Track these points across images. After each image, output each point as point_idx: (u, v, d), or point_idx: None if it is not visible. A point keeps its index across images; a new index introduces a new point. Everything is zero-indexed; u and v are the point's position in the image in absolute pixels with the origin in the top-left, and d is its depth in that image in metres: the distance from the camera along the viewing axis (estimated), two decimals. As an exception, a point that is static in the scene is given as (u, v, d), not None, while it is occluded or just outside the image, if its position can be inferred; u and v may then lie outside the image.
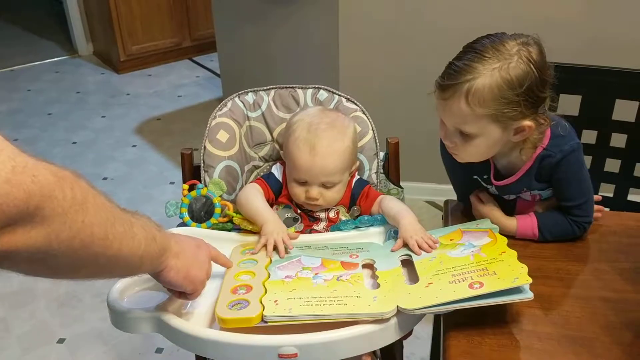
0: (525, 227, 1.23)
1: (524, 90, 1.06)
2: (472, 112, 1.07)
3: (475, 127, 1.10)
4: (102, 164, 3.23)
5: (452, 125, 1.13)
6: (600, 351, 0.95)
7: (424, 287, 1.01)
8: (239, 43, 3.16)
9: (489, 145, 1.14)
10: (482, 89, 1.05)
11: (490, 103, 1.06)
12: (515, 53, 1.07)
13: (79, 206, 0.68)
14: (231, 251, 1.17)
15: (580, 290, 1.09)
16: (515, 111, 1.08)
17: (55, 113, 3.82)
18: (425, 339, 1.61)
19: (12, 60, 4.62)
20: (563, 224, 1.22)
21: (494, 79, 1.05)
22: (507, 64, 1.06)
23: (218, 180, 1.33)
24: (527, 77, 1.06)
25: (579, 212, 1.21)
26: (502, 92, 1.06)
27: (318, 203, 1.28)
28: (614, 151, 1.61)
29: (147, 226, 0.85)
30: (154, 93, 4.10)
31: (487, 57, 1.07)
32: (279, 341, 0.93)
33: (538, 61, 1.08)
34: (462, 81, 1.06)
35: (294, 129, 1.29)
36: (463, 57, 1.09)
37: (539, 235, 1.22)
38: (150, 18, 4.28)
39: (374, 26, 2.43)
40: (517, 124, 1.10)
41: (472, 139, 1.12)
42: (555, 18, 2.25)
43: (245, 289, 1.04)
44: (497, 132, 1.11)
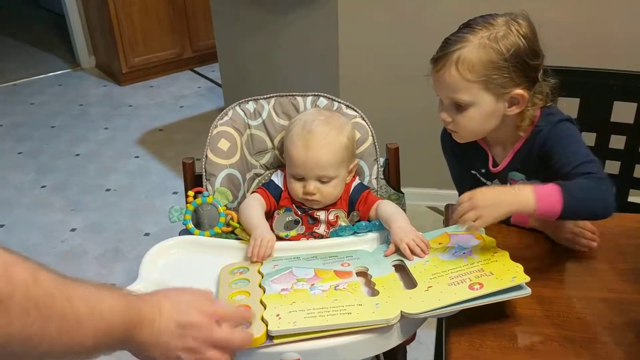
0: (543, 193, 1.03)
1: (511, 55, 1.10)
2: (463, 78, 1.12)
3: (467, 94, 1.13)
4: (104, 176, 3.24)
5: (446, 97, 1.17)
6: (601, 352, 0.96)
7: (424, 291, 1.02)
8: (240, 53, 3.18)
9: (483, 115, 1.16)
10: (470, 55, 1.11)
11: (479, 68, 1.11)
12: (504, 24, 1.13)
13: None
14: (219, 272, 1.16)
15: (580, 291, 1.10)
16: (504, 78, 1.11)
17: (58, 126, 3.84)
18: (428, 344, 1.61)
19: (15, 74, 4.64)
20: (586, 184, 1.07)
21: (482, 45, 1.11)
22: (495, 33, 1.11)
23: (224, 189, 1.34)
24: (515, 44, 1.11)
25: (591, 167, 1.09)
26: (490, 57, 1.10)
27: (316, 198, 1.30)
28: (614, 153, 1.61)
29: (107, 318, 0.75)
30: (156, 104, 4.12)
31: (478, 29, 1.13)
32: (282, 347, 0.94)
33: (526, 32, 1.13)
34: (452, 50, 1.12)
35: (291, 128, 1.34)
36: (456, 32, 1.16)
37: (563, 203, 1.02)
38: (151, 30, 4.31)
39: (374, 34, 2.45)
40: (510, 93, 1.13)
41: (465, 109, 1.15)
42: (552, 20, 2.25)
43: (243, 309, 1.02)
44: (490, 100, 1.14)
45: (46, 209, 2.96)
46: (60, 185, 3.17)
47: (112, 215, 2.89)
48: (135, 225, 2.80)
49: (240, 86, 3.33)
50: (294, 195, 1.33)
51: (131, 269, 2.47)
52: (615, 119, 1.58)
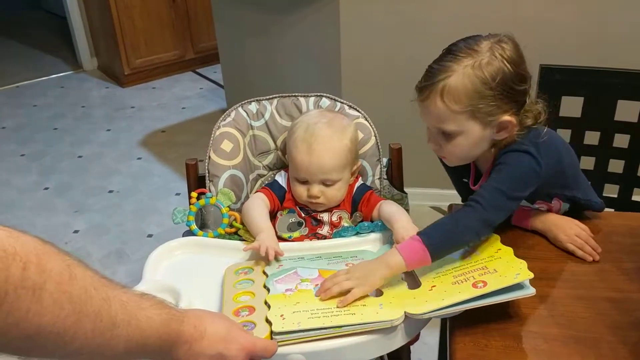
0: (406, 248, 1.06)
1: (497, 83, 1.08)
2: (448, 109, 1.10)
3: (454, 124, 1.12)
4: (107, 177, 3.24)
5: (433, 126, 1.16)
6: (606, 351, 0.96)
7: (428, 291, 1.02)
8: (242, 54, 3.18)
9: (471, 143, 1.14)
10: (455, 85, 1.08)
11: (465, 99, 1.08)
12: (488, 50, 1.09)
13: (29, 291, 0.59)
14: (224, 272, 1.16)
15: (585, 290, 1.09)
16: (490, 106, 1.09)
17: (61, 128, 3.84)
18: (432, 345, 1.60)
19: (18, 76, 4.65)
20: (447, 220, 1.10)
21: (467, 75, 1.08)
22: (479, 60, 1.08)
23: (227, 190, 1.34)
24: (500, 71, 1.08)
25: (482, 196, 1.09)
26: (475, 87, 1.08)
27: (320, 201, 1.30)
28: (617, 152, 1.61)
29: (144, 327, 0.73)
30: (158, 105, 4.12)
31: (461, 56, 1.10)
32: (287, 349, 0.94)
33: (511, 56, 1.10)
34: (437, 80, 1.10)
35: (293, 130, 1.33)
36: (439, 59, 1.13)
37: (428, 249, 1.04)
38: (153, 32, 4.31)
39: (375, 34, 2.45)
40: (497, 120, 1.11)
41: (453, 137, 1.13)
42: (556, 19, 2.25)
43: (248, 310, 1.03)
44: (477, 128, 1.12)
45: (49, 211, 2.96)
46: (63, 187, 3.18)
47: (115, 217, 2.89)
48: (138, 226, 2.80)
49: (242, 87, 3.33)
50: (297, 198, 1.33)
51: (134, 271, 2.47)
52: (619, 117, 1.58)
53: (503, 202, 1.09)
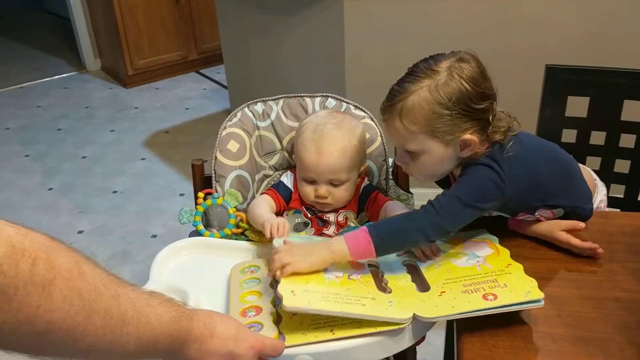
0: (353, 235, 1.07)
1: (453, 103, 1.07)
2: (407, 129, 1.10)
3: (415, 144, 1.12)
4: (111, 178, 3.25)
5: (397, 145, 1.17)
6: (614, 352, 0.95)
7: (437, 296, 1.02)
8: (245, 55, 3.18)
9: (435, 162, 1.14)
10: (411, 106, 1.09)
11: (421, 119, 1.09)
12: (445, 70, 1.09)
13: (38, 287, 0.58)
14: (230, 271, 1.16)
15: (592, 291, 1.09)
16: (448, 125, 1.09)
17: (64, 128, 3.85)
18: (438, 345, 1.60)
19: (21, 77, 4.66)
20: (402, 216, 1.13)
21: (422, 96, 1.08)
22: (437, 81, 1.08)
23: (234, 191, 1.34)
24: (456, 91, 1.07)
25: (441, 200, 1.10)
26: (431, 107, 1.08)
27: (327, 202, 1.30)
28: (623, 152, 1.61)
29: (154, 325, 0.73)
30: (162, 106, 4.12)
31: (420, 77, 1.10)
32: (295, 350, 0.94)
33: (470, 75, 1.09)
34: (396, 102, 1.11)
35: (302, 131, 1.33)
36: (400, 81, 1.14)
37: (372, 240, 1.05)
38: (156, 32, 4.31)
39: (380, 34, 2.45)
40: (457, 139, 1.10)
41: (418, 156, 1.14)
42: (554, 19, 2.25)
43: (255, 310, 1.02)
44: (439, 147, 1.11)
45: (53, 212, 2.96)
46: (67, 188, 3.18)
47: (119, 217, 2.89)
48: (142, 227, 2.80)
49: (246, 88, 3.33)
50: (305, 198, 1.33)
51: (139, 271, 2.47)
52: (625, 117, 1.57)
53: (458, 209, 1.09)
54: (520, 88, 2.07)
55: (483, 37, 2.27)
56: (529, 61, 2.13)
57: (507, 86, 2.02)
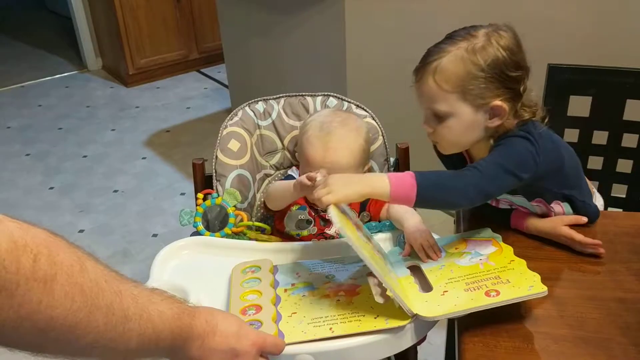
0: (397, 176, 1.05)
1: (488, 66, 1.08)
2: (439, 88, 1.11)
3: (445, 104, 1.12)
4: (112, 177, 3.24)
5: (426, 107, 1.16)
6: (616, 352, 0.95)
7: (440, 295, 1.02)
8: (246, 54, 3.18)
9: (463, 127, 1.14)
10: (447, 65, 1.10)
11: (455, 78, 1.09)
12: (483, 35, 1.11)
13: (40, 283, 0.58)
14: (231, 271, 1.16)
15: (595, 291, 1.09)
16: (482, 89, 1.09)
17: (66, 128, 3.85)
18: (439, 344, 1.60)
19: (22, 77, 4.66)
20: (447, 173, 1.14)
21: (459, 56, 1.10)
22: (474, 44, 1.10)
23: (233, 190, 1.34)
24: (493, 54, 1.09)
25: (481, 162, 1.10)
26: (466, 68, 1.09)
27: None
28: (626, 151, 1.60)
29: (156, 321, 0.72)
30: (163, 105, 4.12)
31: (458, 40, 1.12)
32: (295, 349, 0.94)
33: (506, 44, 1.11)
34: (431, 60, 1.12)
35: (306, 129, 1.32)
36: (437, 43, 1.15)
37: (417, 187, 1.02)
38: (157, 32, 4.31)
39: (381, 33, 2.44)
40: (488, 104, 1.11)
41: (445, 119, 1.13)
42: (556, 19, 2.25)
43: (255, 309, 1.03)
44: (469, 111, 1.11)
45: (54, 211, 2.96)
46: (68, 187, 3.18)
47: (120, 216, 2.89)
48: (143, 226, 2.80)
49: (247, 87, 3.33)
50: (308, 196, 1.32)
51: (140, 271, 2.46)
52: (628, 117, 1.57)
53: (500, 174, 1.09)
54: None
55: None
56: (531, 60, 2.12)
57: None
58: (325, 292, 1.06)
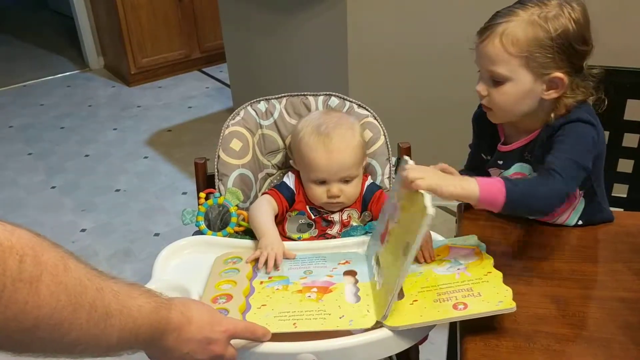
0: (487, 182, 1.05)
1: (558, 36, 1.08)
2: (505, 50, 1.09)
3: (506, 68, 1.11)
4: (114, 177, 3.25)
5: (485, 69, 1.14)
6: (618, 352, 0.95)
7: (409, 304, 1.02)
8: (248, 53, 3.18)
9: (519, 93, 1.12)
10: (516, 29, 1.09)
11: (523, 43, 1.08)
12: (557, 5, 1.10)
13: (26, 284, 0.59)
14: (214, 261, 1.17)
15: (596, 291, 1.09)
16: (547, 58, 1.09)
17: (68, 127, 3.85)
18: (440, 344, 1.60)
19: (24, 76, 4.66)
20: (534, 180, 1.11)
21: (531, 22, 1.09)
22: (547, 12, 1.09)
23: (235, 189, 1.34)
24: (564, 26, 1.08)
25: (561, 166, 1.07)
26: (536, 35, 1.08)
27: (340, 200, 1.30)
28: (627, 151, 1.60)
29: (136, 316, 0.74)
30: (164, 105, 4.12)
31: (530, 6, 1.11)
32: (297, 348, 0.94)
33: (578, 17, 1.10)
34: (500, 22, 1.11)
35: (302, 136, 1.31)
36: (508, 7, 1.13)
37: (506, 193, 1.02)
38: (159, 31, 4.31)
39: (383, 33, 2.44)
40: (550, 75, 1.10)
41: (502, 84, 1.12)
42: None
43: (226, 297, 1.04)
44: (528, 79, 1.11)
45: (56, 210, 2.97)
46: (70, 186, 3.18)
47: (122, 216, 2.90)
48: (145, 226, 2.80)
49: (249, 86, 3.33)
50: (316, 200, 1.31)
51: (141, 270, 2.47)
52: (629, 117, 1.57)
53: (577, 173, 1.09)
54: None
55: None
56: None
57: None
58: (298, 288, 1.07)
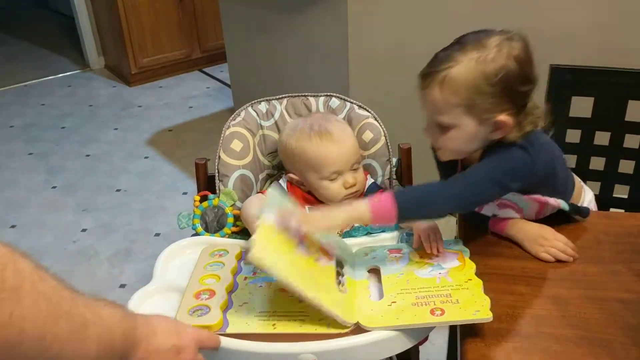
0: (376, 197, 1.07)
1: (498, 80, 1.05)
2: (445, 101, 1.07)
3: (449, 117, 1.09)
4: (115, 176, 3.25)
5: (430, 116, 1.14)
6: (619, 352, 0.95)
7: (387, 306, 1.02)
8: (249, 53, 3.18)
9: (465, 138, 1.11)
10: (456, 77, 1.06)
11: (463, 91, 1.06)
12: (496, 46, 1.06)
13: (9, 294, 0.58)
14: (200, 253, 1.17)
15: (597, 291, 1.09)
16: (488, 103, 1.06)
17: (69, 127, 3.85)
18: (441, 344, 1.60)
19: (25, 76, 4.67)
20: (425, 186, 1.11)
21: (469, 67, 1.05)
22: (485, 55, 1.05)
23: (229, 190, 1.34)
24: (504, 69, 1.05)
25: (469, 170, 1.10)
26: (475, 81, 1.05)
27: (356, 189, 1.33)
28: (627, 152, 1.60)
29: (109, 326, 0.73)
30: (165, 104, 4.12)
31: (468, 48, 1.07)
32: (297, 348, 0.94)
33: (518, 55, 1.06)
34: (440, 69, 1.07)
35: (300, 144, 1.32)
36: (446, 48, 1.11)
37: (397, 205, 1.04)
38: (160, 31, 4.32)
39: (384, 34, 2.44)
40: (493, 118, 1.08)
41: (448, 130, 1.11)
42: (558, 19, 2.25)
43: (208, 293, 1.04)
44: (472, 124, 1.09)
45: (57, 210, 2.97)
46: (71, 186, 3.19)
47: (123, 215, 2.90)
48: (146, 225, 2.81)
49: (249, 86, 3.33)
50: (335, 198, 1.32)
51: (142, 270, 2.47)
52: (630, 118, 1.57)
53: (487, 186, 1.08)
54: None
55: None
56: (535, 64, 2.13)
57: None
58: (281, 285, 1.04)
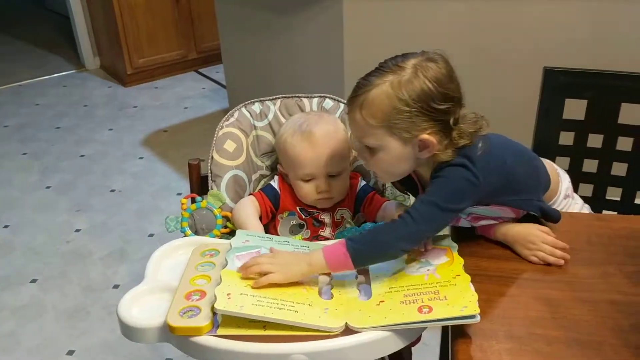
0: (330, 249, 1.07)
1: (413, 100, 1.06)
2: (366, 123, 1.10)
3: (373, 139, 1.11)
4: (110, 177, 3.25)
5: (357, 139, 1.16)
6: (609, 354, 0.95)
7: (375, 305, 1.02)
8: (245, 54, 3.18)
9: (393, 160, 1.13)
10: (372, 99, 1.08)
11: (380, 113, 1.08)
12: (411, 67, 1.08)
13: None
14: (191, 253, 1.17)
15: (588, 293, 1.09)
16: (406, 123, 1.07)
17: (64, 127, 3.85)
18: (433, 345, 1.60)
19: (20, 75, 4.66)
20: (378, 229, 1.12)
21: (384, 90, 1.08)
22: (401, 77, 1.07)
23: (217, 192, 1.34)
24: (419, 88, 1.06)
25: (419, 207, 1.08)
26: (391, 102, 1.07)
27: (330, 196, 1.31)
28: (621, 155, 1.61)
29: None
30: (161, 105, 4.12)
31: (386, 72, 1.10)
32: (289, 349, 0.94)
33: (435, 75, 1.08)
34: (359, 94, 1.10)
35: (285, 138, 1.33)
36: (367, 75, 1.13)
37: (350, 253, 1.05)
38: (155, 31, 4.31)
39: (379, 36, 2.45)
40: (416, 137, 1.09)
41: (376, 152, 1.13)
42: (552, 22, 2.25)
43: (199, 294, 1.03)
44: (397, 145, 1.10)
45: (51, 210, 2.96)
46: (66, 186, 3.18)
47: (117, 216, 2.89)
48: (140, 226, 2.80)
49: (245, 87, 3.33)
50: (305, 199, 1.32)
51: (136, 270, 2.47)
52: (623, 120, 1.57)
53: (436, 215, 1.08)
54: (517, 90, 2.07)
55: (482, 40, 2.27)
56: (527, 63, 2.13)
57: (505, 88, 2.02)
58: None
